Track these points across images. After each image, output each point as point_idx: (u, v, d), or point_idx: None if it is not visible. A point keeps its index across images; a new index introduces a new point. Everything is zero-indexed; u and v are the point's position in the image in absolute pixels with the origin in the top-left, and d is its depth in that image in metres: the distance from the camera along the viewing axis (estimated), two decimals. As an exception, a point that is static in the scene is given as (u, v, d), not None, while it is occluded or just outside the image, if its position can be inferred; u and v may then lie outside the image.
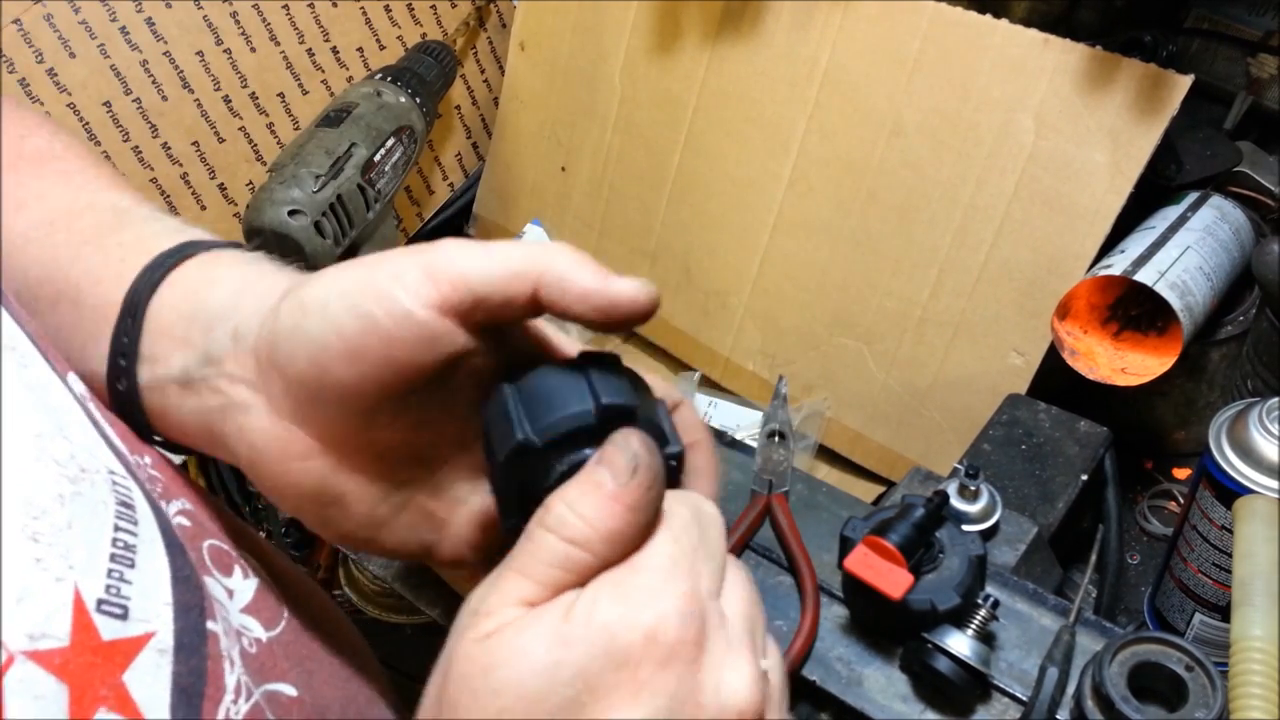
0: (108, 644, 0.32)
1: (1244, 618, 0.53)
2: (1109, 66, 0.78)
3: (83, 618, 0.31)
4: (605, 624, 0.31)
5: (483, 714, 0.31)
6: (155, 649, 0.33)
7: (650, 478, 0.34)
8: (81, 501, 0.33)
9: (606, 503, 0.33)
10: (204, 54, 0.99)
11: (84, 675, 0.31)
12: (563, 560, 0.33)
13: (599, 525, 0.33)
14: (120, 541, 0.34)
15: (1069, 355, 0.77)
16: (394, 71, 1.02)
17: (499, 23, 1.21)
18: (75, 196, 0.46)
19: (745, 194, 0.99)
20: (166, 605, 0.35)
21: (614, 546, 0.33)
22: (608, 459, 0.34)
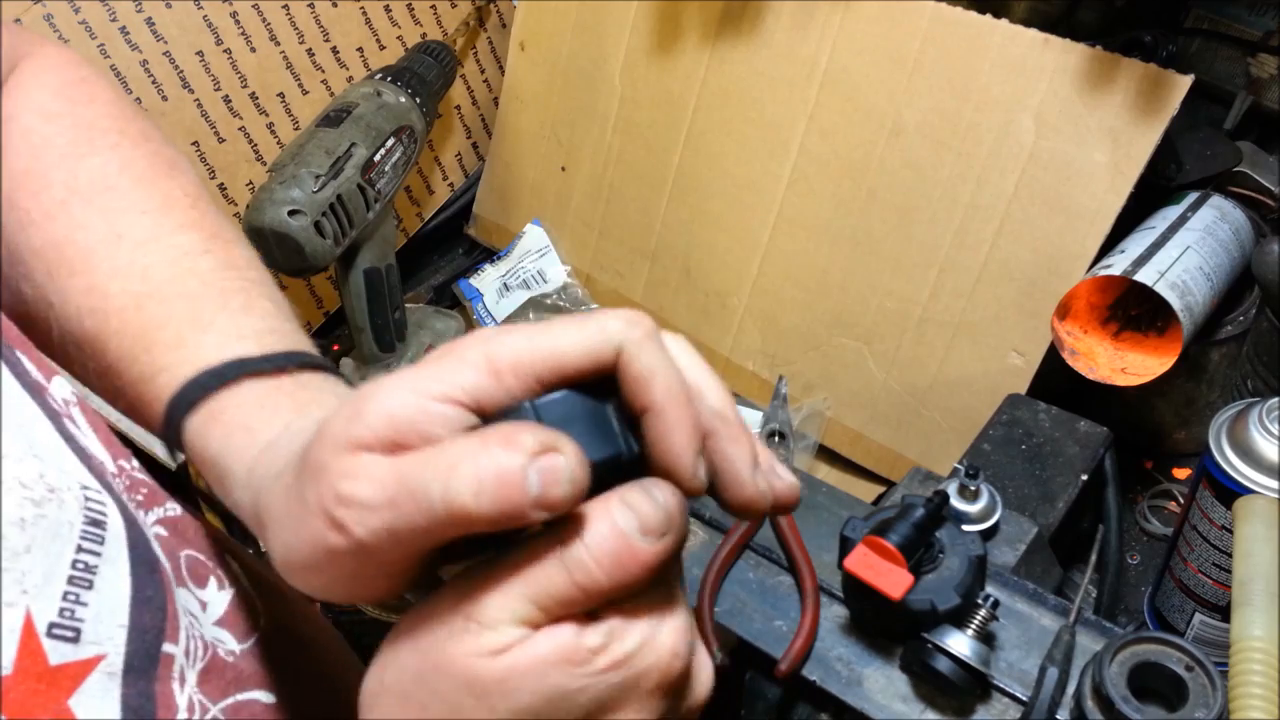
0: (54, 669, 0.32)
1: (1244, 618, 0.53)
2: (1109, 66, 0.78)
3: (31, 642, 0.31)
4: (624, 659, 0.32)
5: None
6: (104, 672, 0.33)
7: (678, 541, 0.32)
8: (43, 524, 0.33)
9: (629, 560, 0.31)
10: (204, 54, 0.99)
11: (25, 702, 0.30)
12: (571, 601, 0.32)
13: (616, 580, 0.31)
14: (81, 563, 0.34)
15: (1069, 355, 0.77)
16: (394, 71, 1.02)
17: (499, 23, 1.21)
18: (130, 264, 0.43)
19: (745, 194, 0.99)
20: (121, 628, 0.34)
21: (624, 594, 0.32)
22: (640, 510, 0.31)
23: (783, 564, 0.66)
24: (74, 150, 0.46)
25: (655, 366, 0.33)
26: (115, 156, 0.46)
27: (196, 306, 0.43)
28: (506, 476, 0.29)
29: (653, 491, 0.32)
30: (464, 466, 0.29)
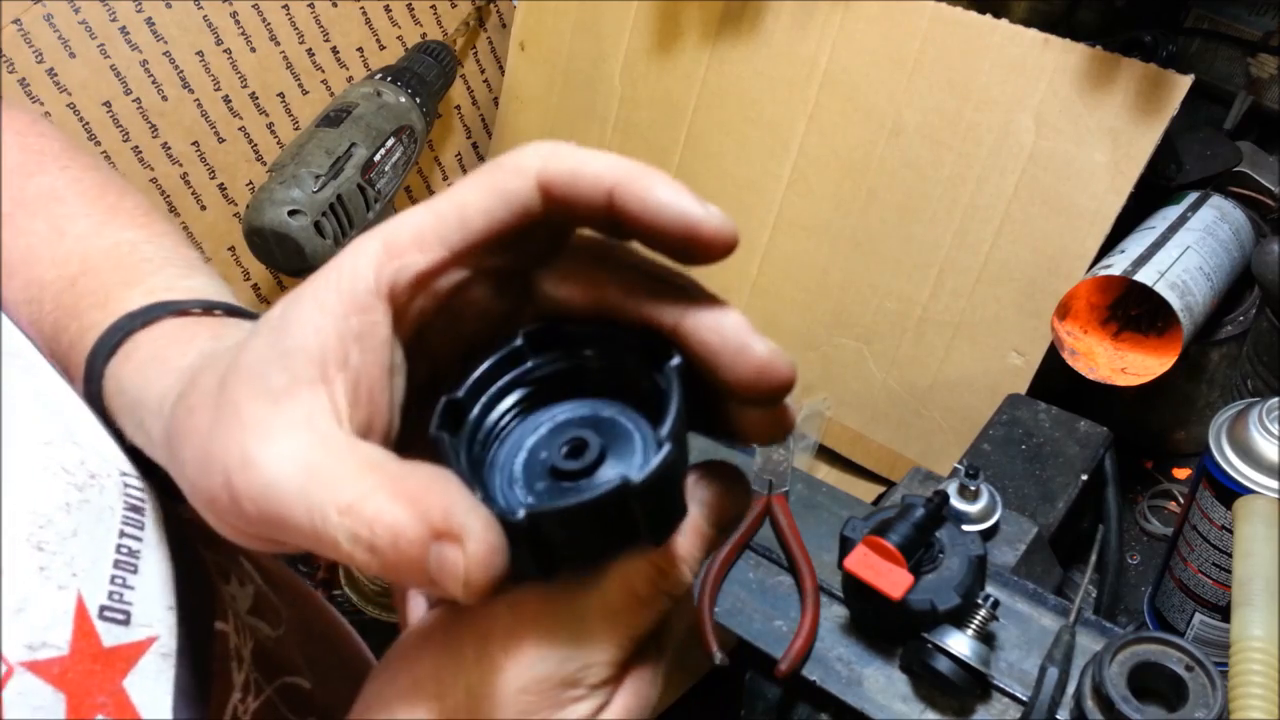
0: (108, 650, 0.32)
1: (1244, 618, 0.53)
2: (1109, 66, 0.78)
3: (84, 625, 0.31)
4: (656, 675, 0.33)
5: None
6: (158, 653, 0.34)
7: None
8: (88, 509, 0.33)
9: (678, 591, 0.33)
10: (204, 54, 0.99)
11: (82, 683, 0.31)
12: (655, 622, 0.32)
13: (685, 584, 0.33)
14: (124, 548, 0.34)
15: (1069, 355, 0.77)
16: (394, 71, 1.02)
17: (499, 23, 1.21)
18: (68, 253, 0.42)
19: (745, 194, 0.99)
20: (169, 609, 0.35)
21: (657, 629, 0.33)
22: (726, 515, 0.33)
23: (783, 564, 0.66)
24: (23, 169, 0.44)
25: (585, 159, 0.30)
26: (64, 176, 0.44)
27: (130, 274, 0.40)
28: (402, 548, 0.26)
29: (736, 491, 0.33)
30: (368, 507, 0.26)
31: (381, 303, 0.29)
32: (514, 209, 0.29)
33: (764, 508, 0.68)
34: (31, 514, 0.31)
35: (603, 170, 0.30)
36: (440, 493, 0.27)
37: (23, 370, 0.35)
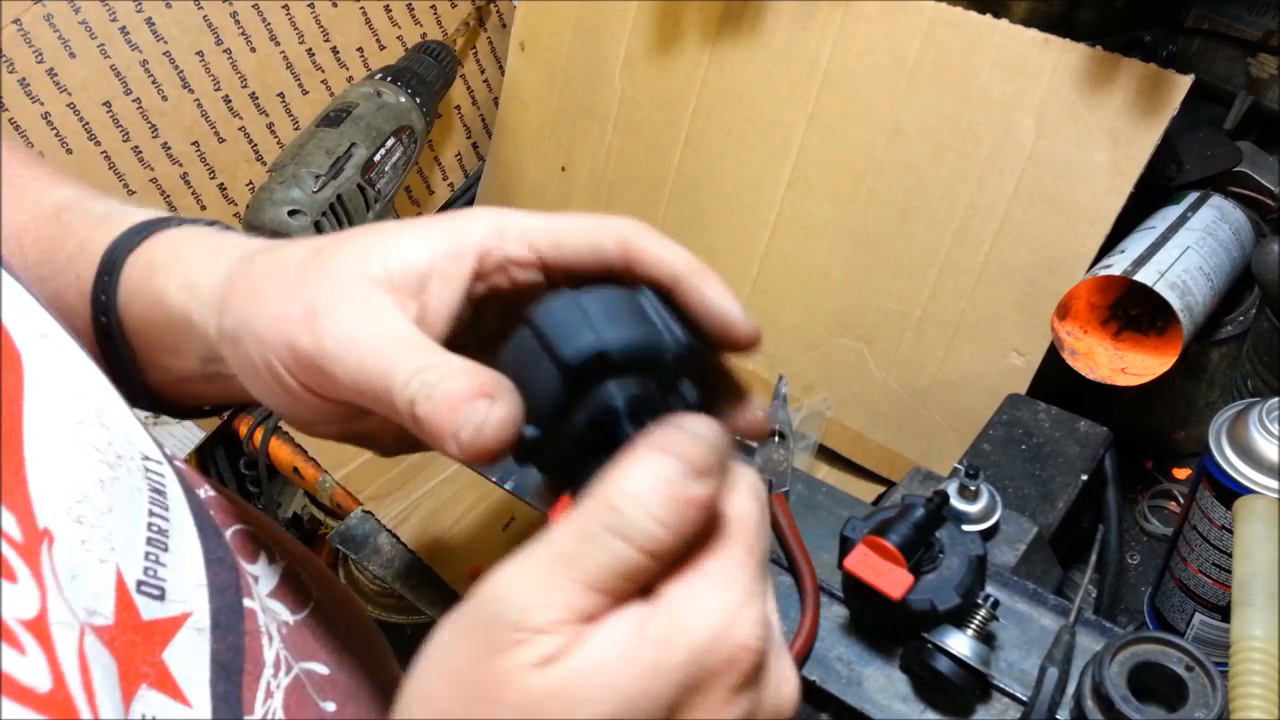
0: (148, 623, 0.33)
1: (1244, 618, 0.53)
2: (1109, 66, 0.78)
3: (124, 598, 0.32)
4: (693, 649, 0.29)
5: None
6: (193, 628, 0.34)
7: (725, 475, 0.32)
8: (119, 486, 0.34)
9: (684, 505, 0.30)
10: (204, 54, 0.99)
11: (128, 652, 0.32)
12: (634, 571, 0.29)
13: (678, 529, 0.30)
14: (155, 526, 0.35)
15: (1069, 355, 0.77)
16: (394, 71, 1.02)
17: (499, 23, 1.21)
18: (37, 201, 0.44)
19: (745, 194, 0.99)
20: (200, 586, 0.36)
21: (682, 549, 0.30)
22: (682, 451, 0.30)
23: (783, 564, 0.66)
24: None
25: (665, 244, 0.37)
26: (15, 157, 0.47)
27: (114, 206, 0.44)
28: (449, 399, 0.32)
29: (687, 427, 0.31)
30: (427, 374, 0.33)
31: (473, 262, 0.36)
32: (597, 258, 0.37)
33: (764, 508, 0.69)
34: (70, 489, 0.32)
35: (678, 261, 0.37)
36: (490, 374, 0.33)
37: (52, 351, 0.35)
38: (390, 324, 0.34)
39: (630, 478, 0.30)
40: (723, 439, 0.32)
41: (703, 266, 0.36)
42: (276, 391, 0.36)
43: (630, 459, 0.30)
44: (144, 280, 0.40)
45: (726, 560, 0.31)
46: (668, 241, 0.37)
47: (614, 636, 0.29)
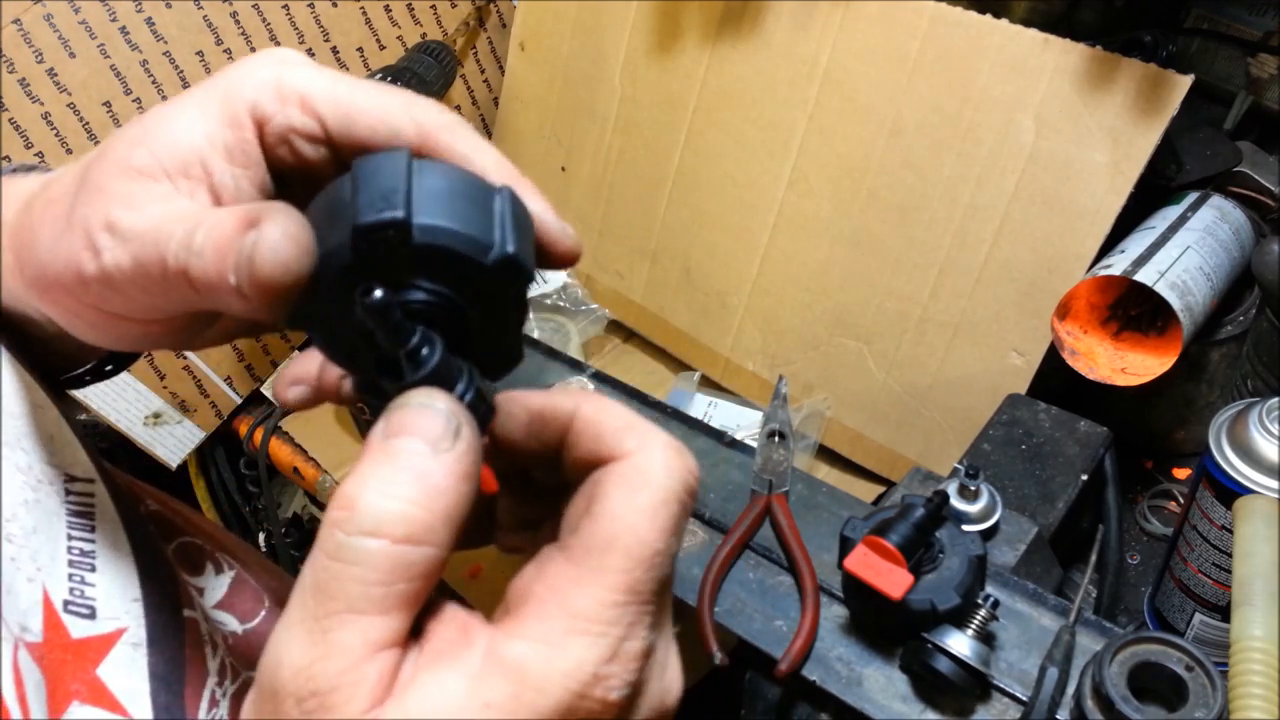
0: (78, 641, 0.33)
1: (1244, 618, 0.53)
2: (1109, 66, 0.78)
3: (52, 617, 0.32)
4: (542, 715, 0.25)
5: None
6: (128, 643, 0.34)
7: (475, 434, 0.27)
8: (41, 509, 0.34)
9: (435, 476, 0.25)
10: (204, 54, 0.99)
11: (57, 670, 0.31)
12: (405, 569, 0.25)
13: (436, 506, 0.25)
14: (75, 549, 0.35)
15: (1069, 355, 0.77)
16: (394, 71, 1.02)
17: (499, 23, 1.21)
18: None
19: (745, 194, 0.99)
20: (135, 601, 0.35)
21: (456, 524, 0.26)
22: (412, 427, 0.26)
23: (783, 564, 0.66)
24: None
25: (478, 144, 0.32)
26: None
27: None
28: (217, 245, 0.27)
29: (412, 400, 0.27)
30: (191, 234, 0.28)
31: (253, 128, 0.31)
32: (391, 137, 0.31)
33: (764, 507, 0.68)
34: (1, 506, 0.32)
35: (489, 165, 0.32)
36: (259, 205, 0.28)
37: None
38: (157, 211, 0.30)
39: (358, 472, 0.26)
40: (453, 401, 0.27)
41: (519, 174, 0.31)
42: (101, 327, 0.32)
43: (365, 454, 0.26)
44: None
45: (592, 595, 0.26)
46: (482, 142, 0.32)
47: (439, 698, 0.25)
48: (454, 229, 0.28)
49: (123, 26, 0.94)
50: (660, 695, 0.28)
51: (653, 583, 0.27)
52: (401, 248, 0.27)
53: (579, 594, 0.26)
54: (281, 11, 1.02)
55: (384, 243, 0.27)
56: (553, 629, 0.25)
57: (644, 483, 0.28)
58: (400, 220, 0.27)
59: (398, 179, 0.28)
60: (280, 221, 0.27)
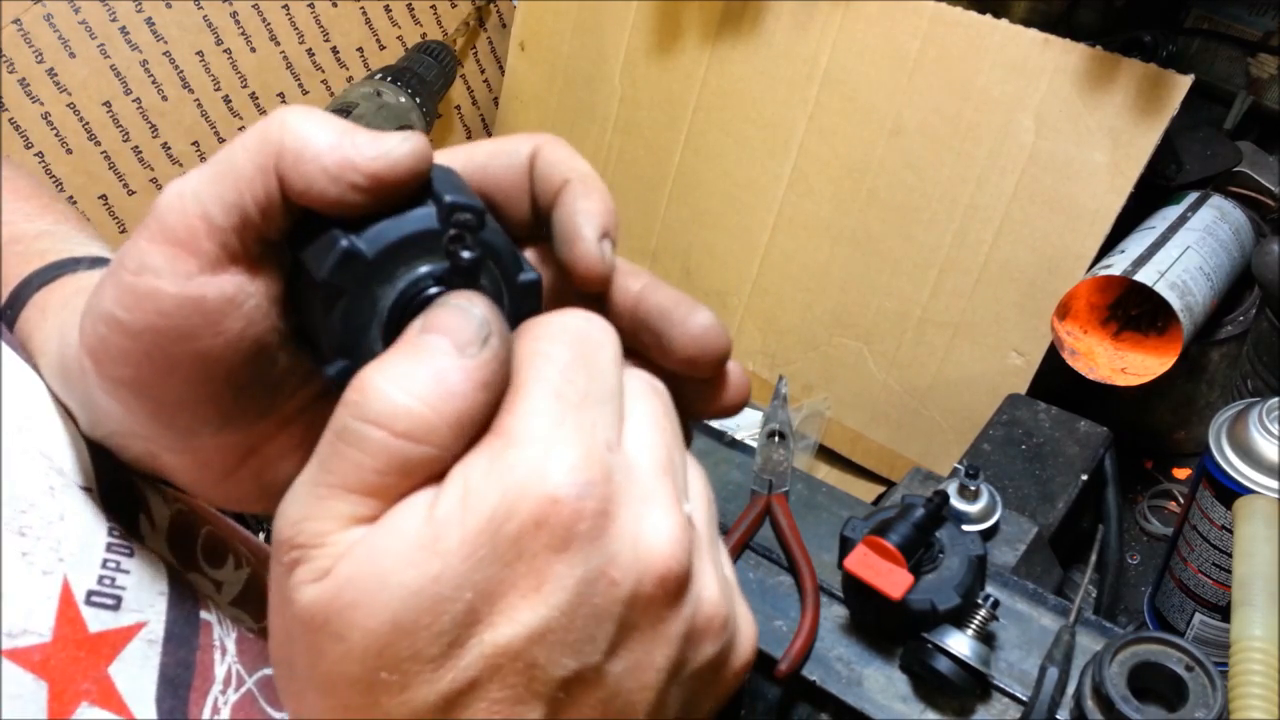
0: (95, 636, 0.32)
1: (1244, 618, 0.53)
2: (1109, 66, 0.78)
3: (69, 610, 0.31)
4: (484, 517, 0.25)
5: (356, 660, 0.25)
6: (145, 639, 0.34)
7: (505, 348, 0.27)
8: (71, 493, 0.33)
9: (451, 379, 0.25)
10: (204, 54, 0.99)
11: (65, 670, 0.31)
12: (401, 463, 0.25)
13: (445, 409, 0.25)
14: (118, 530, 0.34)
15: (1069, 355, 0.77)
16: (394, 71, 1.02)
17: (499, 23, 1.21)
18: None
19: (745, 194, 0.99)
20: (161, 595, 0.35)
21: (465, 434, 0.26)
22: (444, 325, 0.26)
23: (783, 564, 0.66)
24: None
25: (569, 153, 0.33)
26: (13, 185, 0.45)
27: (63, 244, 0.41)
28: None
29: (450, 301, 0.27)
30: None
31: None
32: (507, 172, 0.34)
33: (764, 507, 0.68)
34: (13, 500, 0.31)
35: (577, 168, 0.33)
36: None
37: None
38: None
39: (383, 359, 0.26)
40: (498, 314, 0.27)
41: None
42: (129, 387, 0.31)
43: (399, 342, 0.27)
44: (37, 324, 0.37)
45: (518, 413, 0.26)
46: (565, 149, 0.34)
47: (394, 529, 0.25)
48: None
49: (123, 26, 0.94)
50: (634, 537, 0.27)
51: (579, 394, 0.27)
52: (469, 234, 0.28)
53: (509, 409, 0.26)
54: (281, 12, 1.02)
55: (462, 224, 0.28)
56: (494, 446, 0.26)
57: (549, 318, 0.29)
58: (481, 209, 0.29)
59: (463, 182, 0.30)
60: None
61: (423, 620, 0.24)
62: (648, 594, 0.26)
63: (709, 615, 0.28)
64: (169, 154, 1.00)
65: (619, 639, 0.26)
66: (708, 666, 0.29)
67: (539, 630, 0.25)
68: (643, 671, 0.27)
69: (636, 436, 0.28)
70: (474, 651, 0.25)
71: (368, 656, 0.25)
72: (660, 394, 0.30)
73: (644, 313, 0.32)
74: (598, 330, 0.29)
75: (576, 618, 0.25)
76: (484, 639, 0.25)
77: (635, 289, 0.32)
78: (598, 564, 0.25)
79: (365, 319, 0.28)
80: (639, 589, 0.26)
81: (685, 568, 0.27)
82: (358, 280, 0.28)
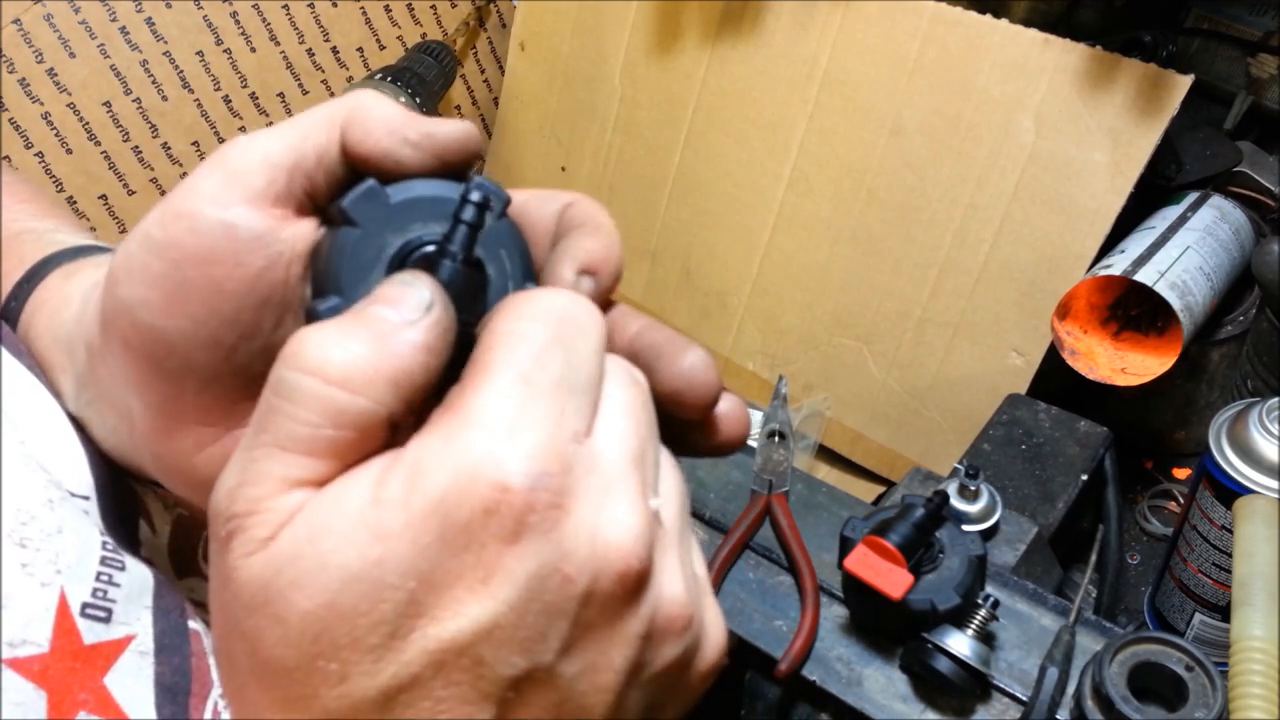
0: (89, 648, 0.32)
1: (1244, 618, 0.53)
2: (1109, 66, 0.78)
3: (65, 622, 0.32)
4: (432, 501, 0.24)
5: (293, 645, 0.24)
6: (136, 651, 0.34)
7: (449, 319, 0.27)
8: (69, 506, 0.33)
9: (389, 337, 0.25)
10: (204, 54, 0.99)
11: (63, 680, 0.31)
12: (334, 414, 0.24)
13: (381, 365, 0.25)
14: (111, 545, 0.34)
15: (1069, 355, 0.77)
16: (394, 71, 1.02)
17: (499, 23, 1.21)
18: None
19: (745, 194, 0.99)
20: (146, 609, 0.35)
21: (403, 394, 0.25)
22: (387, 296, 0.26)
23: (783, 564, 0.66)
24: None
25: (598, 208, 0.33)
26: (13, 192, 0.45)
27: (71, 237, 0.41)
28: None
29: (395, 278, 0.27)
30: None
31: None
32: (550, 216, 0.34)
33: (764, 507, 0.68)
34: (15, 511, 0.31)
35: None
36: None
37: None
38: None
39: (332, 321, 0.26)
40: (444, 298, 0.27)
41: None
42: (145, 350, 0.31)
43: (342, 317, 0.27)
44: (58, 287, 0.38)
45: (480, 393, 0.25)
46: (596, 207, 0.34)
47: (337, 504, 0.24)
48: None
49: (123, 26, 0.94)
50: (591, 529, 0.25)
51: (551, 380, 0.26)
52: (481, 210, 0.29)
53: (472, 388, 0.26)
54: (281, 12, 1.02)
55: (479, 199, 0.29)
56: (450, 425, 0.25)
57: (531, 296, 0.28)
58: (506, 199, 0.30)
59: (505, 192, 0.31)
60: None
61: (361, 606, 0.23)
62: (605, 591, 0.25)
63: (671, 615, 0.27)
64: (169, 154, 1.00)
65: (573, 638, 0.25)
66: (670, 668, 0.27)
67: (486, 626, 0.24)
68: (598, 673, 0.26)
69: (608, 426, 0.27)
70: (416, 646, 0.24)
71: (304, 641, 0.24)
72: (640, 385, 0.29)
73: (638, 350, 0.32)
74: (583, 313, 0.28)
75: (527, 614, 0.24)
76: (427, 633, 0.24)
77: (633, 329, 0.32)
78: (550, 558, 0.24)
79: (369, 260, 0.29)
80: (595, 586, 0.25)
81: (645, 565, 0.26)
82: (374, 220, 0.29)
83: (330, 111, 0.30)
